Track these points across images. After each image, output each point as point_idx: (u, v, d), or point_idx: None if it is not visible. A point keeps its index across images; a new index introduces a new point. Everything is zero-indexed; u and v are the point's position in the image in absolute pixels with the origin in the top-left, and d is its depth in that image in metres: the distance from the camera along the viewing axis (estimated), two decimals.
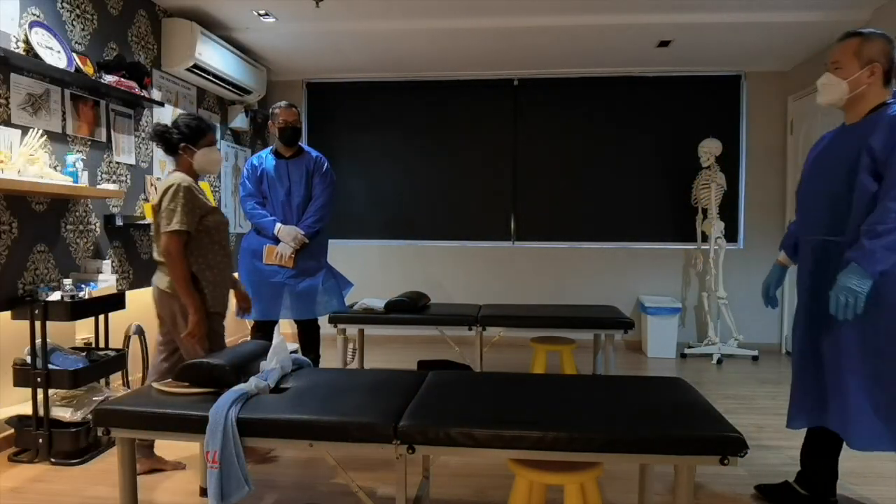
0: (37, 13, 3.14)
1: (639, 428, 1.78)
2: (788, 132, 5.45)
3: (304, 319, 3.67)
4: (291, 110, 3.59)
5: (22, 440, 2.87)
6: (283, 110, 3.57)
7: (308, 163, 3.66)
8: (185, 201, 2.49)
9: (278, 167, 3.63)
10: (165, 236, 2.48)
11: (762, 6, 4.10)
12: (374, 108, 5.90)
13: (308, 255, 3.62)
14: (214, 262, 2.61)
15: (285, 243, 3.53)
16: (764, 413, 3.69)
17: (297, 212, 3.64)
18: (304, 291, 3.59)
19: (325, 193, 3.66)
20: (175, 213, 2.48)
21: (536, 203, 5.76)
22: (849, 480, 2.70)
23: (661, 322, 5.25)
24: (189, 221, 2.50)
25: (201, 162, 2.66)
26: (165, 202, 2.50)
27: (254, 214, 3.62)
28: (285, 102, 3.63)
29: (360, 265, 5.94)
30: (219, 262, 2.63)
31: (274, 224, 3.57)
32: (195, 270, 2.58)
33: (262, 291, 3.56)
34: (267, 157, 3.66)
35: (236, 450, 1.88)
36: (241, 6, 4.15)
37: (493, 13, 4.26)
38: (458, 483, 2.66)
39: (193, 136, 2.64)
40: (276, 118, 3.57)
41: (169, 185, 2.52)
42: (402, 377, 2.34)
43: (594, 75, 5.64)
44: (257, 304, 3.53)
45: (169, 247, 2.48)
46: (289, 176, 3.63)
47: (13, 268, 3.00)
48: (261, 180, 3.63)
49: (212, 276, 2.61)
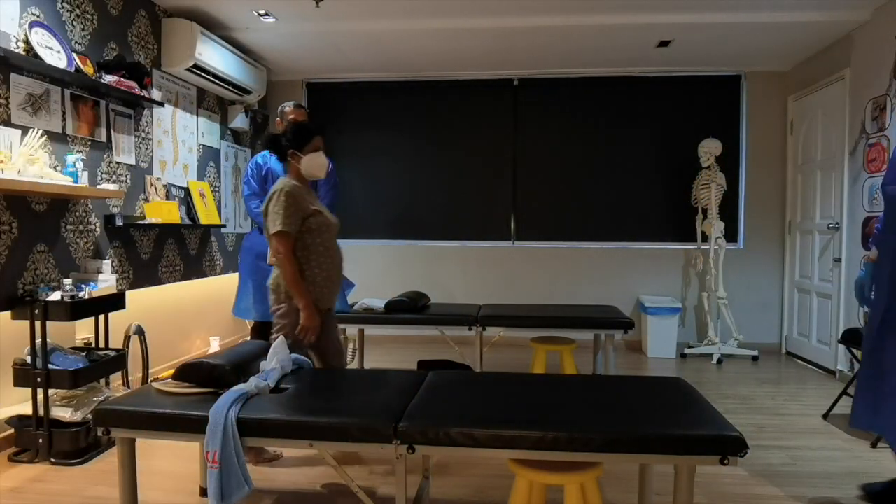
0: (37, 13, 3.14)
1: (639, 428, 1.78)
2: (788, 132, 5.45)
3: None
4: (301, 110, 3.57)
5: (22, 440, 2.87)
6: (292, 110, 3.55)
7: None
8: (288, 204, 2.60)
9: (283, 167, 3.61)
10: (273, 237, 2.63)
11: (762, 6, 4.11)
12: (374, 108, 5.90)
13: None
14: (318, 261, 2.69)
15: None
16: (764, 413, 3.69)
17: None
18: None
19: (330, 194, 3.63)
20: (279, 215, 2.60)
21: (536, 203, 5.77)
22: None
23: (661, 322, 5.25)
24: (290, 223, 2.60)
25: (308, 166, 2.74)
26: (271, 206, 2.64)
27: (258, 214, 3.56)
28: (295, 102, 3.60)
29: (360, 265, 5.94)
30: (324, 262, 2.70)
31: None
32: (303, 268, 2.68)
33: (263, 292, 3.55)
34: (271, 156, 3.63)
35: (236, 450, 1.88)
36: (241, 6, 4.15)
37: (493, 13, 4.26)
38: (458, 483, 2.66)
39: (299, 142, 2.74)
40: (285, 117, 3.55)
41: (274, 191, 2.68)
42: (402, 377, 2.34)
43: (594, 75, 5.64)
44: (258, 305, 3.52)
45: (277, 247, 2.62)
46: None
47: (13, 268, 3.00)
48: (265, 180, 3.60)
49: (312, 276, 2.68)
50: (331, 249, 2.74)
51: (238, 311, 3.61)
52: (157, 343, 4.19)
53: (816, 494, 2.56)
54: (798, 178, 5.28)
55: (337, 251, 2.80)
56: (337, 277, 2.80)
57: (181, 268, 4.51)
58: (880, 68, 4.05)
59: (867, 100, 4.20)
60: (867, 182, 4.18)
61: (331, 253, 2.74)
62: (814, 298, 4.96)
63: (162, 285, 4.28)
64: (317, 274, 2.69)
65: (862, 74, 4.29)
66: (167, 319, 4.40)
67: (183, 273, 4.53)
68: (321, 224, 2.70)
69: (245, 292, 3.59)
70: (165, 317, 4.38)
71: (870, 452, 3.05)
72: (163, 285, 4.29)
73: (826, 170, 4.80)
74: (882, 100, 4.02)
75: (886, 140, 3.97)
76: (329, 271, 2.73)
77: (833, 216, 4.68)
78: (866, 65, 4.23)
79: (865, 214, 4.19)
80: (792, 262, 5.37)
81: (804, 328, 5.13)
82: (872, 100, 4.14)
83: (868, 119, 4.18)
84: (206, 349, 4.92)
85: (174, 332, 4.49)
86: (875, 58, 4.12)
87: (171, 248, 4.38)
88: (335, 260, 2.77)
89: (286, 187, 2.66)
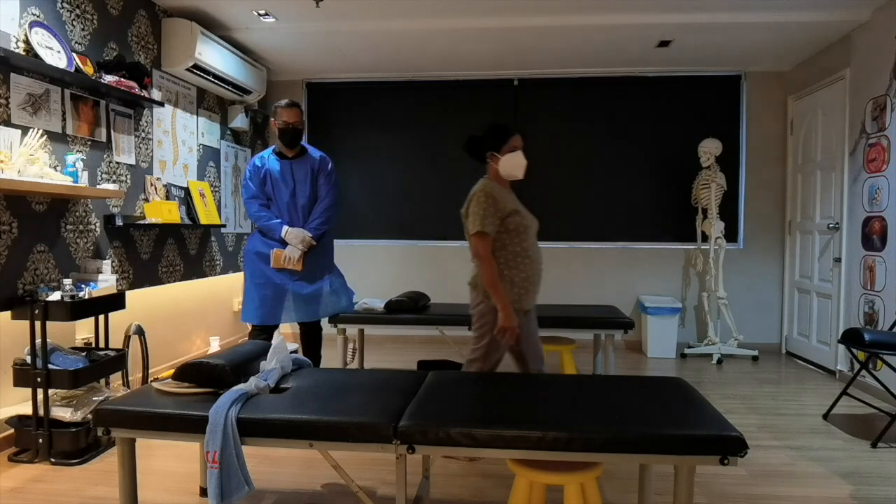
0: (37, 13, 3.14)
1: (639, 428, 1.78)
2: (788, 132, 5.45)
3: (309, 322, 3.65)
4: (293, 110, 3.48)
5: (22, 440, 2.87)
6: (284, 110, 3.48)
7: (312, 163, 3.60)
8: (487, 205, 2.62)
9: (282, 168, 3.56)
10: (472, 238, 2.65)
11: (762, 6, 4.11)
12: (375, 107, 5.90)
13: (315, 256, 3.59)
14: (517, 262, 2.68)
15: (293, 246, 3.48)
16: (764, 413, 3.69)
17: (302, 213, 3.59)
18: (311, 294, 3.56)
19: (330, 194, 3.61)
20: (478, 216, 2.62)
21: (536, 203, 5.74)
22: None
23: (661, 322, 5.25)
24: (488, 223, 2.61)
25: (505, 167, 2.73)
26: (471, 207, 2.67)
27: (260, 217, 3.56)
28: (287, 101, 3.52)
29: (360, 265, 5.94)
30: (522, 262, 2.68)
31: (281, 227, 3.51)
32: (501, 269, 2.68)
33: (266, 295, 3.52)
34: (269, 157, 3.60)
35: (236, 450, 1.88)
36: (241, 6, 4.15)
37: (493, 13, 4.26)
38: (458, 483, 2.66)
39: (497, 143, 2.74)
40: (277, 117, 3.50)
41: (474, 192, 2.70)
42: (402, 377, 2.34)
43: (594, 75, 5.64)
44: (260, 309, 3.50)
45: (476, 247, 2.64)
46: (293, 176, 3.57)
47: (13, 268, 3.00)
48: (264, 181, 3.57)
49: (510, 276, 2.67)
50: (529, 250, 2.71)
51: (245, 316, 3.59)
52: (157, 343, 4.19)
53: (816, 494, 2.56)
54: (798, 177, 5.28)
55: (536, 252, 2.76)
56: (536, 278, 2.75)
57: (181, 268, 4.51)
58: (880, 68, 4.05)
59: (867, 100, 4.20)
60: (867, 182, 4.18)
61: (529, 253, 2.71)
62: (814, 298, 4.96)
63: (162, 285, 4.28)
64: (515, 274, 2.67)
65: (862, 74, 4.29)
66: (167, 319, 4.40)
67: (183, 273, 4.53)
68: (519, 225, 2.68)
69: (250, 297, 3.56)
70: (165, 317, 4.38)
71: (870, 452, 3.05)
72: (163, 285, 4.29)
73: (826, 170, 4.80)
74: (882, 100, 4.02)
75: (886, 140, 3.97)
76: (528, 272, 2.69)
77: (833, 216, 4.68)
78: (866, 65, 4.23)
79: (865, 214, 4.19)
80: (792, 262, 5.37)
81: (804, 328, 5.13)
82: (872, 100, 4.14)
83: (868, 119, 4.18)
84: (206, 349, 4.92)
85: (174, 332, 4.49)
86: (875, 58, 4.12)
87: (171, 248, 4.38)
88: (534, 261, 2.73)
89: (485, 188, 2.67)
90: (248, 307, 3.56)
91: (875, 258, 4.07)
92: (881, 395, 3.80)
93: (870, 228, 4.13)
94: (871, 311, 4.10)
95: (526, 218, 2.73)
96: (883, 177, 4.00)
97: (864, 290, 4.19)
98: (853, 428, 3.41)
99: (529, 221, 2.75)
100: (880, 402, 3.76)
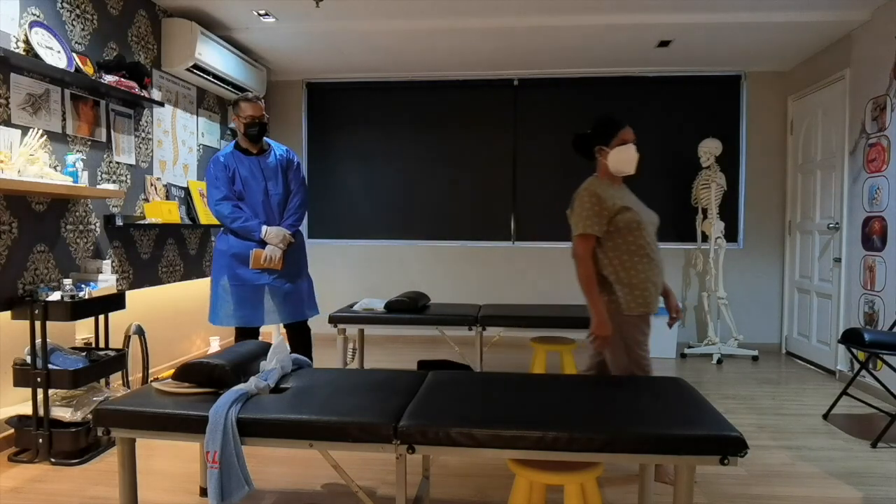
0: (37, 13, 3.14)
1: (639, 428, 1.78)
2: (788, 132, 5.45)
3: (295, 322, 3.51)
4: (258, 104, 3.35)
5: (22, 440, 2.87)
6: (248, 104, 3.33)
7: (280, 158, 3.48)
8: (591, 205, 2.50)
9: (250, 165, 3.41)
10: (574, 240, 2.54)
11: (762, 6, 4.10)
12: (375, 108, 5.90)
13: (292, 254, 3.48)
14: (633, 261, 2.50)
15: (274, 246, 3.36)
16: (764, 413, 3.68)
17: (277, 210, 3.46)
18: (292, 292, 3.45)
19: (301, 190, 3.51)
20: (581, 217, 2.51)
21: (536, 203, 5.76)
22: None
23: (661, 322, 5.24)
24: (591, 224, 2.50)
25: (615, 161, 2.58)
26: (576, 208, 2.55)
27: (236, 218, 3.36)
28: (251, 94, 3.40)
29: (360, 265, 5.94)
30: (639, 262, 2.51)
31: (260, 227, 3.36)
32: (608, 272, 2.54)
33: (244, 297, 3.37)
34: (235, 154, 3.42)
35: (236, 450, 1.88)
36: (241, 6, 4.15)
37: (493, 13, 4.26)
38: (458, 483, 2.66)
39: (606, 136, 2.59)
40: (241, 112, 3.32)
41: (580, 191, 2.59)
42: (402, 377, 2.34)
43: (594, 75, 5.64)
44: (239, 311, 3.37)
45: (576, 249, 2.53)
46: (263, 173, 3.43)
47: (13, 268, 3.00)
48: (233, 181, 3.39)
49: (626, 277, 2.51)
50: (647, 248, 2.51)
51: (216, 319, 3.41)
52: (157, 343, 4.19)
53: (816, 494, 2.56)
54: (798, 177, 5.28)
55: (654, 250, 2.55)
56: (657, 279, 2.55)
57: (181, 268, 4.51)
58: (880, 68, 4.05)
59: (867, 100, 4.20)
60: (867, 182, 4.18)
61: (647, 251, 2.51)
62: (814, 298, 4.96)
63: (162, 285, 4.28)
64: (633, 276, 2.49)
65: (862, 74, 4.28)
66: (167, 319, 4.40)
67: (183, 273, 4.53)
68: (631, 221, 2.50)
69: (223, 299, 3.39)
70: (165, 317, 4.38)
71: (870, 452, 3.05)
72: (163, 285, 4.29)
73: (826, 170, 4.80)
74: (882, 100, 4.02)
75: (886, 140, 3.97)
76: (648, 272, 2.50)
77: (833, 216, 4.67)
78: (866, 65, 4.23)
79: (865, 214, 4.19)
80: (792, 262, 5.37)
81: (804, 328, 5.13)
82: (872, 100, 4.14)
83: (868, 119, 4.18)
84: (206, 349, 4.92)
85: (174, 332, 4.49)
86: (875, 58, 4.12)
87: (171, 248, 4.38)
88: (653, 259, 2.53)
89: (590, 186, 2.54)
90: (221, 309, 3.39)
91: (875, 258, 4.07)
92: (881, 395, 3.80)
93: (870, 228, 4.13)
94: (871, 311, 4.10)
95: (640, 214, 2.55)
96: (883, 177, 4.00)
97: (864, 290, 4.19)
98: (853, 428, 3.41)
99: (644, 217, 2.57)
100: (880, 402, 3.76)
